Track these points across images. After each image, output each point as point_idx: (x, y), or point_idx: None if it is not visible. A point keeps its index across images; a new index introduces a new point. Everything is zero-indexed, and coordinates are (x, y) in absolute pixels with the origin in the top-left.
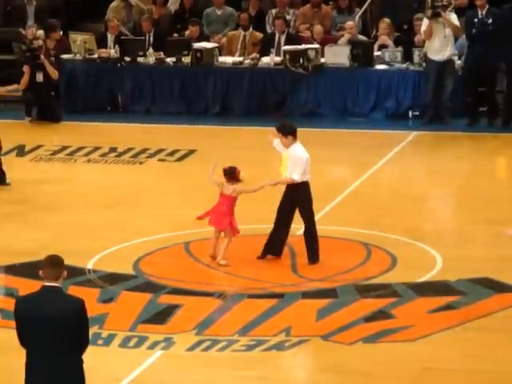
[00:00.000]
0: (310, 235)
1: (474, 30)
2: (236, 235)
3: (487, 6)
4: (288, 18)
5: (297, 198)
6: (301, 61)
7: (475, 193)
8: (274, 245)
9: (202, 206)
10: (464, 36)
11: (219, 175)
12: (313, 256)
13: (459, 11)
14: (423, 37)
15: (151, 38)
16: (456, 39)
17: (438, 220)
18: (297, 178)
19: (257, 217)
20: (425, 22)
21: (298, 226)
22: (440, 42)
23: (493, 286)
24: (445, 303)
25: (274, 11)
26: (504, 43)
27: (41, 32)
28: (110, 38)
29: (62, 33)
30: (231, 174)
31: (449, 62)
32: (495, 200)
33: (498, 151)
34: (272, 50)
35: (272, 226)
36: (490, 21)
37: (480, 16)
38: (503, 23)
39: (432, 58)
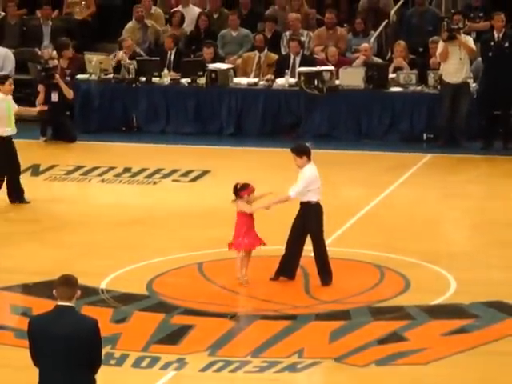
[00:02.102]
0: (320, 257)
1: (490, 53)
2: (251, 248)
3: (504, 30)
4: (303, 39)
5: (307, 219)
6: (315, 82)
7: (490, 216)
8: (287, 266)
9: (215, 227)
10: (479, 59)
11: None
12: (325, 278)
13: (480, 34)
14: (439, 59)
15: (172, 57)
16: (471, 62)
17: (452, 243)
18: (292, 195)
19: (270, 237)
20: (440, 45)
21: (311, 248)
22: (455, 65)
23: (506, 310)
24: (458, 326)
25: (288, 33)
26: None
27: (55, 52)
28: (126, 57)
29: (73, 51)
30: (234, 190)
31: (464, 85)
32: (510, 223)
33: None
34: (287, 71)
35: (285, 247)
36: (507, 44)
37: (496, 39)
38: None
39: (447, 80)
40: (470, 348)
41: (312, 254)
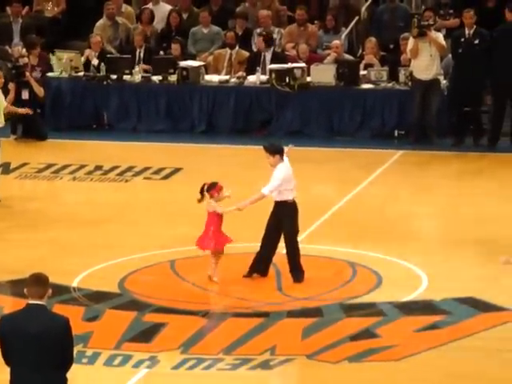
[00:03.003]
0: (293, 256)
1: (460, 50)
2: (219, 249)
3: (475, 27)
4: (274, 36)
5: (282, 216)
6: (287, 79)
7: (461, 212)
8: (261, 264)
9: (188, 225)
10: (450, 55)
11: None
12: (297, 276)
13: (451, 31)
14: (409, 56)
15: (141, 54)
16: (442, 58)
17: (424, 239)
18: (266, 192)
19: (243, 235)
20: (411, 41)
21: (283, 245)
22: (426, 61)
23: (478, 306)
24: (430, 323)
25: (259, 30)
26: (490, 63)
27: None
28: (94, 54)
29: (40, 49)
30: (202, 190)
31: (434, 81)
32: (481, 219)
33: (483, 170)
34: (258, 68)
35: (259, 244)
36: (477, 41)
37: (467, 36)
38: (490, 44)
39: (418, 77)
40: (441, 344)
41: (284, 252)
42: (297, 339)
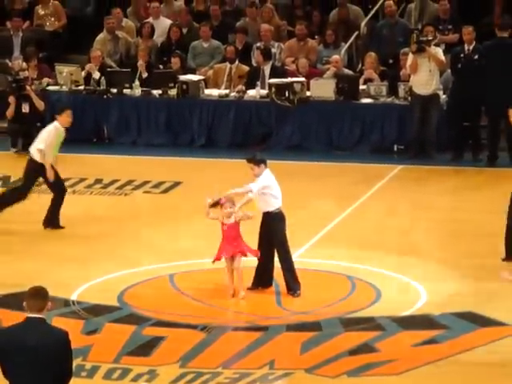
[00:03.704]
0: (287, 263)
1: (459, 65)
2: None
3: (474, 42)
4: (273, 50)
5: (271, 227)
6: (286, 94)
7: (459, 227)
8: (263, 276)
9: (187, 238)
10: (449, 70)
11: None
12: (293, 285)
13: (450, 47)
14: (408, 71)
15: (143, 71)
16: (441, 73)
17: (423, 254)
18: (255, 188)
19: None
20: (410, 57)
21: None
22: (425, 77)
23: (476, 320)
24: (429, 337)
25: (260, 44)
26: (489, 79)
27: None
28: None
29: (37, 61)
30: (214, 204)
31: (434, 97)
32: (479, 234)
33: (482, 186)
34: (258, 83)
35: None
36: (476, 57)
37: (466, 51)
38: (488, 59)
39: (417, 92)
40: (440, 358)
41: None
42: (296, 353)
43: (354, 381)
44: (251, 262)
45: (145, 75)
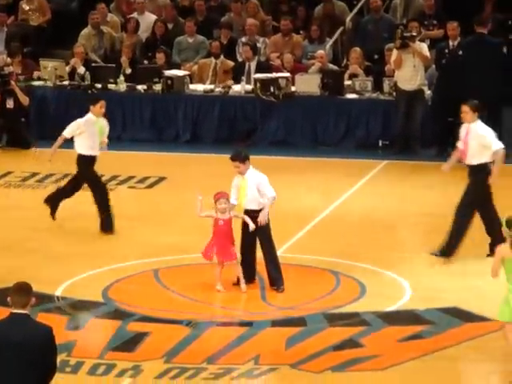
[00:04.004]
0: (271, 258)
1: (444, 61)
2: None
3: (459, 38)
4: (258, 45)
5: (257, 224)
6: (271, 89)
7: (444, 222)
8: (247, 271)
9: (172, 234)
10: (434, 66)
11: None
12: (276, 279)
13: (435, 42)
14: (393, 67)
15: (127, 68)
16: (426, 69)
17: (408, 249)
18: (274, 193)
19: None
20: (394, 52)
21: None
22: (409, 72)
23: (461, 316)
24: (413, 332)
25: (244, 39)
26: (467, 75)
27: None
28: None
29: (21, 57)
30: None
31: (418, 92)
32: None
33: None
34: (243, 78)
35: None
36: (461, 52)
37: (451, 47)
38: (467, 55)
39: (402, 87)
40: (425, 354)
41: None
42: (280, 349)
43: (338, 376)
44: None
45: (128, 71)
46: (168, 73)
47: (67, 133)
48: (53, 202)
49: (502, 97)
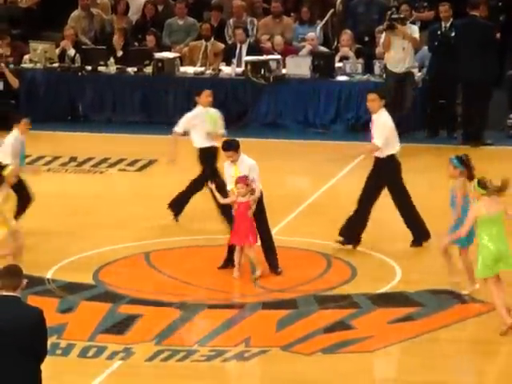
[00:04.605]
0: (270, 247)
1: (436, 43)
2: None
3: (451, 19)
4: (247, 26)
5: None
6: (262, 71)
7: (434, 204)
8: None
9: (163, 217)
10: (425, 47)
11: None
12: (275, 267)
13: (426, 24)
14: (382, 49)
15: (118, 49)
16: (416, 51)
17: (398, 231)
18: (261, 187)
19: (218, 228)
20: (383, 34)
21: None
22: (398, 54)
23: (451, 298)
24: (404, 314)
25: (232, 21)
26: (461, 57)
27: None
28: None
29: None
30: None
31: (408, 74)
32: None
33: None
34: (233, 60)
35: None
36: (453, 34)
37: (443, 29)
38: (459, 37)
39: (391, 69)
40: (415, 335)
41: (258, 244)
42: (271, 331)
43: (329, 358)
44: (220, 240)
45: (119, 54)
46: (158, 55)
47: (179, 128)
48: (178, 207)
49: (494, 80)
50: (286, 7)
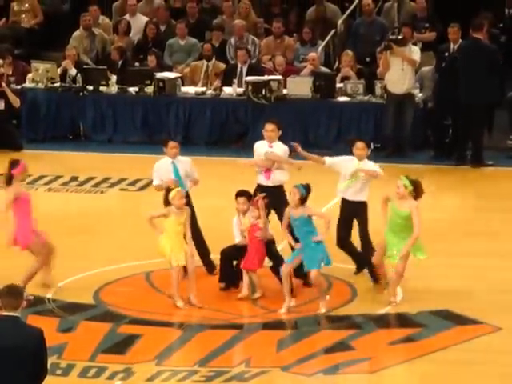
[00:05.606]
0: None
1: (443, 64)
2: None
3: (460, 41)
4: (248, 47)
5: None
6: (263, 92)
7: (434, 225)
8: (232, 276)
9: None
10: (423, 68)
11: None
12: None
13: (429, 45)
14: (381, 69)
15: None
16: (416, 71)
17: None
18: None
19: (218, 248)
20: (383, 55)
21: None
22: (397, 75)
23: (452, 319)
24: (404, 335)
25: (232, 40)
26: (462, 79)
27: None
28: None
29: (11, 58)
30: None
31: (408, 96)
32: (454, 232)
33: (457, 185)
34: (234, 80)
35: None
36: (458, 55)
37: (451, 50)
38: (467, 58)
39: (391, 90)
40: (416, 357)
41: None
42: (272, 351)
43: (329, 379)
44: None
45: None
46: (160, 75)
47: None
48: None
49: (497, 102)
50: (287, 28)
